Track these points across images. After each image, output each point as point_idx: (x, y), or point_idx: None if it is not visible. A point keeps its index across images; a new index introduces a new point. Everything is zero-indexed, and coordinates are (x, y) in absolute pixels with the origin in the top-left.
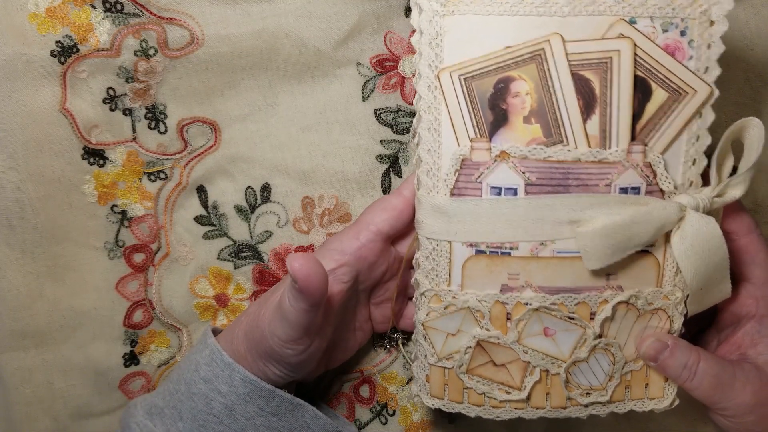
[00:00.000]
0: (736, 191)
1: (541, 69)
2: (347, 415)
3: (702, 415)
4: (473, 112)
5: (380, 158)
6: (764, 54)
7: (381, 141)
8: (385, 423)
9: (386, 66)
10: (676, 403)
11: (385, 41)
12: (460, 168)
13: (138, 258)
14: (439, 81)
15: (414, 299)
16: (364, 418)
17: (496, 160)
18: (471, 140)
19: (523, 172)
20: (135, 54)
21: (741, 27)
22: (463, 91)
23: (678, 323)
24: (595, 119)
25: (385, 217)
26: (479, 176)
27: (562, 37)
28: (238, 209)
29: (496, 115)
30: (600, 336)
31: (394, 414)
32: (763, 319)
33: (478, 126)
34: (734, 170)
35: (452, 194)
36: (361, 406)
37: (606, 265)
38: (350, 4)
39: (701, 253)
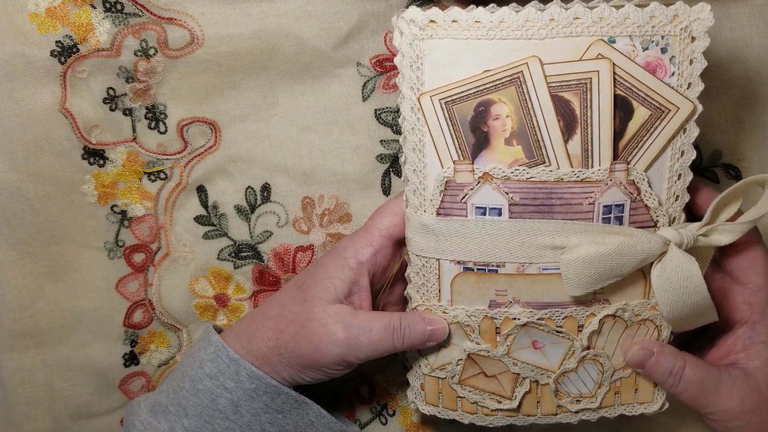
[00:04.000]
0: (723, 237)
1: (520, 92)
2: (347, 415)
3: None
4: (455, 135)
5: (380, 158)
6: (764, 54)
7: (381, 141)
8: (385, 423)
9: (386, 66)
10: (666, 406)
11: (385, 41)
12: (445, 189)
13: (138, 258)
14: (421, 105)
15: (407, 311)
16: (364, 418)
17: (479, 182)
18: (454, 162)
19: (507, 193)
20: (135, 54)
21: (741, 27)
22: (444, 115)
23: (666, 332)
24: (576, 139)
25: (395, 222)
26: (464, 197)
27: (540, 59)
28: (238, 209)
29: (477, 137)
30: (588, 348)
31: (394, 414)
32: (755, 325)
33: (460, 148)
34: None
35: (438, 214)
36: (361, 406)
37: (586, 292)
38: (350, 4)
39: (678, 290)
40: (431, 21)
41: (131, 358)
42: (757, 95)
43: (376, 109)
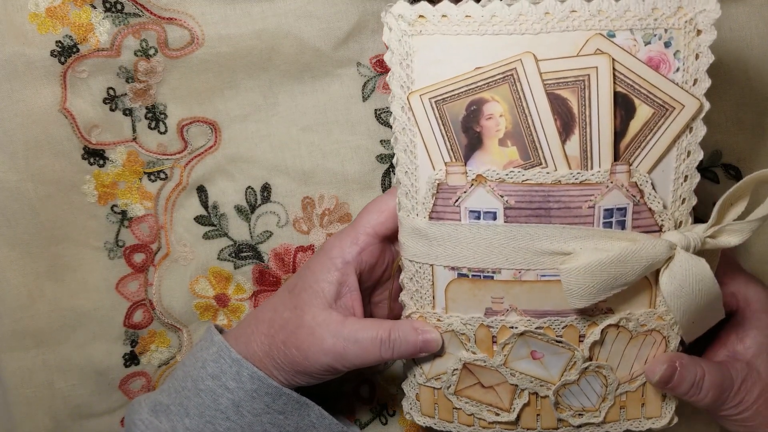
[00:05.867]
0: (732, 238)
1: (514, 90)
2: (347, 415)
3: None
4: (447, 135)
5: (380, 158)
6: (764, 54)
7: (381, 141)
8: (385, 423)
9: (386, 66)
10: (675, 421)
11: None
12: (437, 192)
13: (138, 258)
14: (410, 104)
15: (401, 319)
16: (365, 418)
17: (472, 184)
18: (446, 164)
19: (502, 196)
20: (135, 54)
21: (741, 27)
22: (435, 114)
23: (674, 343)
24: (574, 140)
25: (381, 219)
26: (457, 200)
27: (534, 55)
28: (238, 209)
29: (470, 138)
30: (590, 359)
31: (394, 414)
32: (744, 311)
33: (452, 150)
34: None
35: (431, 217)
36: (361, 406)
37: (590, 304)
38: (350, 4)
39: (691, 294)
40: (420, 16)
41: (131, 358)
42: (757, 95)
43: (376, 109)
